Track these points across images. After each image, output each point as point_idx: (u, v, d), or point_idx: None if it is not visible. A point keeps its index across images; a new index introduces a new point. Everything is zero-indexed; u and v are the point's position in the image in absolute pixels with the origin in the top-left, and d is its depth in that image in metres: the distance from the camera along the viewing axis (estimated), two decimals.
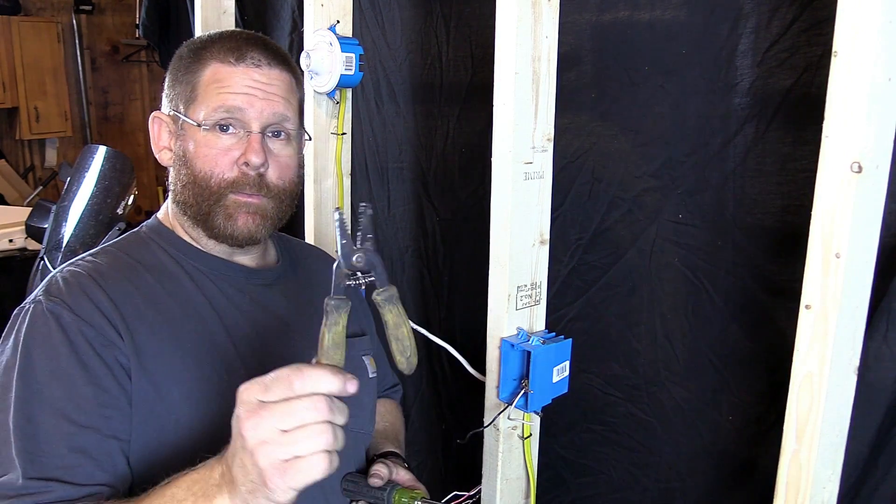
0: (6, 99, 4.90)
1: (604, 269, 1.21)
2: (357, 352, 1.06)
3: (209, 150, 0.91)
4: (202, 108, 0.91)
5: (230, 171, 0.91)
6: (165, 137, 0.97)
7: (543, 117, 1.06)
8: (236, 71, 0.91)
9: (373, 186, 1.61)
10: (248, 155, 0.90)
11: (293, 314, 1.01)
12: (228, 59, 0.91)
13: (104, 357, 0.82)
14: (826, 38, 0.90)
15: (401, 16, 1.48)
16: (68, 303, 0.84)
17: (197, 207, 0.92)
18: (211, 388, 0.88)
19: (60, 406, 0.80)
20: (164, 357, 0.86)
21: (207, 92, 0.91)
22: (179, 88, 0.94)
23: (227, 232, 0.93)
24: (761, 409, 1.05)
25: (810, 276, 0.81)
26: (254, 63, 0.92)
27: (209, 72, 0.92)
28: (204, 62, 0.92)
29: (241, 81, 0.91)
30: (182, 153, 0.93)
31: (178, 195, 0.95)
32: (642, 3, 1.09)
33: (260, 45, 0.94)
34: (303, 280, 1.07)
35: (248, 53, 0.92)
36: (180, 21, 2.39)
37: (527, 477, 1.15)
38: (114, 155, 2.03)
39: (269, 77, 0.93)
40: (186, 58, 0.95)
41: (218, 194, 0.91)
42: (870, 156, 0.76)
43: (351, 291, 1.18)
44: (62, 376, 0.81)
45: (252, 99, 0.91)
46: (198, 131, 0.91)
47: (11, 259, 2.86)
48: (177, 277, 0.94)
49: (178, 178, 0.94)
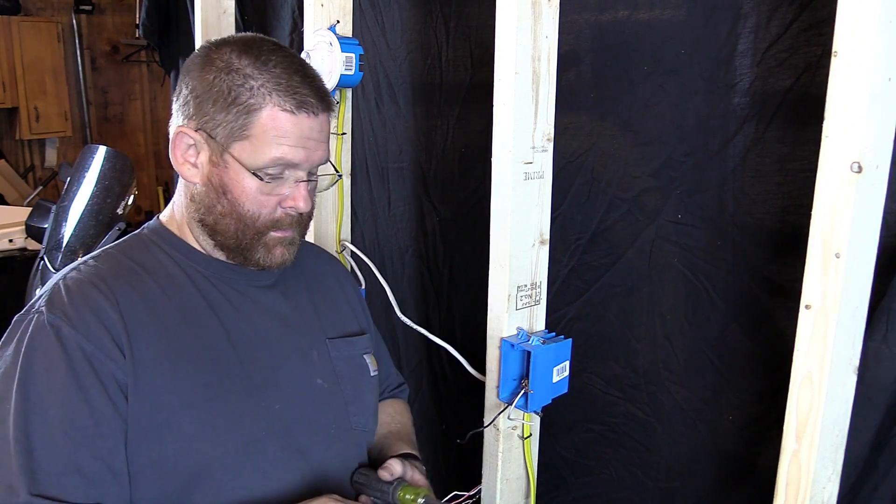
0: (6, 99, 4.90)
1: (603, 269, 1.21)
2: (358, 350, 1.07)
3: (259, 195, 0.90)
4: (256, 152, 0.88)
5: (275, 211, 0.92)
6: (193, 154, 0.92)
7: (543, 117, 1.06)
8: (295, 121, 0.88)
9: (373, 186, 1.61)
10: (298, 203, 0.92)
11: (294, 314, 1.01)
12: (287, 105, 0.88)
13: (100, 374, 0.83)
14: (825, 38, 0.90)
15: (401, 16, 1.48)
16: (69, 315, 0.84)
17: (236, 241, 0.93)
18: (211, 393, 0.88)
19: (56, 424, 0.80)
20: (164, 365, 0.86)
21: (265, 139, 0.88)
22: (223, 117, 0.88)
23: (265, 264, 0.95)
24: (761, 409, 1.05)
25: (810, 275, 0.81)
26: (312, 112, 0.90)
27: (266, 116, 0.88)
28: (258, 99, 0.88)
29: (298, 133, 0.89)
30: (221, 185, 0.91)
31: (209, 220, 0.93)
32: (642, 3, 1.09)
33: (314, 88, 0.91)
34: (303, 281, 1.07)
35: (306, 100, 0.89)
36: (180, 21, 2.39)
37: (527, 477, 1.15)
38: (114, 155, 2.03)
39: (321, 124, 0.92)
40: (229, 82, 0.88)
41: (262, 232, 0.92)
42: (870, 156, 0.76)
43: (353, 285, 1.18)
44: (59, 393, 0.81)
45: (308, 152, 0.90)
46: (247, 174, 0.89)
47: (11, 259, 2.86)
48: (178, 281, 0.93)
49: (212, 205, 0.92)
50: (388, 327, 1.58)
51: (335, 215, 1.53)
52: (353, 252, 1.52)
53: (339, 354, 1.03)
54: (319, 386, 0.99)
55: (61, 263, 1.95)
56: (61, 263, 1.95)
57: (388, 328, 1.58)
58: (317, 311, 1.05)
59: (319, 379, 0.99)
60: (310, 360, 0.99)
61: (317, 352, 1.01)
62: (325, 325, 1.05)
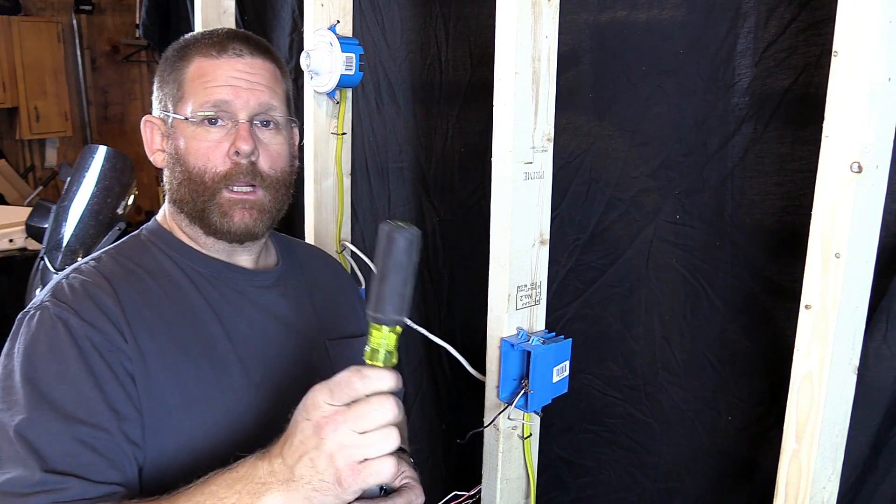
0: (6, 99, 4.90)
1: (602, 269, 1.21)
2: (357, 352, 1.06)
3: (200, 143, 0.92)
4: (189, 103, 0.93)
5: (222, 164, 0.92)
6: (158, 139, 0.98)
7: (543, 117, 1.06)
8: (219, 63, 0.92)
9: (373, 186, 1.61)
10: (238, 143, 0.91)
11: (293, 315, 1.01)
12: (210, 52, 0.93)
13: (110, 362, 0.83)
14: (824, 37, 0.90)
15: (401, 16, 1.48)
16: (75, 308, 0.84)
17: (192, 204, 0.93)
18: (209, 392, 0.88)
19: (70, 409, 0.80)
20: (166, 362, 0.87)
21: (193, 87, 0.93)
22: (167, 89, 0.96)
23: (224, 228, 0.93)
24: (761, 409, 1.05)
25: (810, 276, 0.81)
26: (236, 54, 0.93)
27: (193, 67, 0.93)
28: (188, 59, 0.94)
29: (224, 73, 0.92)
30: (174, 151, 0.94)
31: (173, 194, 0.95)
32: (640, 2, 1.09)
33: (241, 37, 0.96)
34: (303, 281, 1.07)
35: (229, 45, 0.93)
36: (180, 21, 2.39)
37: (527, 477, 1.15)
38: (114, 155, 2.03)
39: (253, 67, 0.94)
40: (171, 58, 0.97)
41: (213, 189, 0.92)
42: (870, 156, 0.76)
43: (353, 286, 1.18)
44: (70, 380, 0.81)
45: (237, 90, 0.92)
46: (187, 127, 0.92)
47: (11, 259, 2.86)
48: (177, 281, 0.94)
49: (172, 177, 0.95)
50: None
51: (335, 215, 1.54)
52: (353, 252, 1.52)
53: (338, 355, 1.03)
54: None
55: (61, 263, 1.95)
56: (61, 263, 1.95)
57: None
58: (317, 312, 1.05)
59: (318, 380, 0.99)
60: (308, 361, 0.99)
61: (316, 353, 1.01)
62: (325, 326, 1.05)
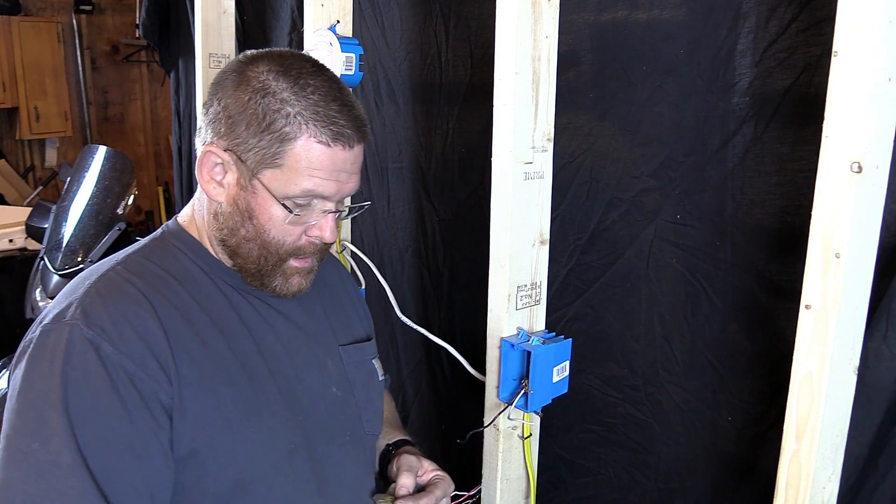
0: (6, 99, 4.91)
1: (602, 269, 1.21)
2: (367, 356, 1.06)
3: (286, 225, 0.89)
4: (287, 182, 0.86)
5: (299, 240, 0.90)
6: (220, 173, 0.89)
7: (543, 117, 1.06)
8: (329, 154, 0.86)
9: (373, 186, 1.61)
10: (325, 234, 0.90)
11: (310, 323, 1.01)
12: (323, 136, 0.85)
13: (144, 395, 0.80)
14: (824, 37, 0.91)
15: (400, 16, 1.48)
16: (109, 333, 0.80)
17: (256, 266, 0.91)
18: (247, 409, 0.88)
19: (101, 445, 0.78)
20: (205, 381, 0.85)
21: (297, 169, 0.85)
22: (256, 141, 0.85)
23: (280, 292, 0.93)
24: (761, 409, 1.05)
25: (810, 276, 0.81)
26: (348, 145, 0.87)
27: (300, 146, 0.85)
28: (295, 129, 0.84)
29: (332, 166, 0.86)
30: (248, 208, 0.88)
31: (232, 242, 0.91)
32: (641, 2, 1.09)
33: (352, 118, 0.88)
34: (315, 286, 1.06)
35: (342, 132, 0.86)
36: (180, 21, 2.39)
37: (527, 477, 1.15)
38: (114, 155, 2.03)
39: (355, 156, 0.89)
40: (264, 106, 0.85)
41: (283, 260, 0.91)
42: (870, 156, 0.76)
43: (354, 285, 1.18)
44: (104, 414, 0.78)
45: (339, 185, 0.88)
46: (276, 202, 0.87)
47: (11, 259, 2.86)
48: (208, 291, 0.91)
49: (237, 229, 0.90)
50: (388, 327, 1.58)
51: None
52: (353, 252, 1.52)
53: (350, 361, 1.03)
54: (334, 394, 0.98)
55: (61, 263, 1.95)
56: (61, 263, 1.95)
57: (387, 328, 1.58)
58: (328, 318, 1.04)
59: (334, 387, 0.99)
60: (325, 369, 0.99)
61: (331, 360, 1.00)
62: (337, 332, 1.04)
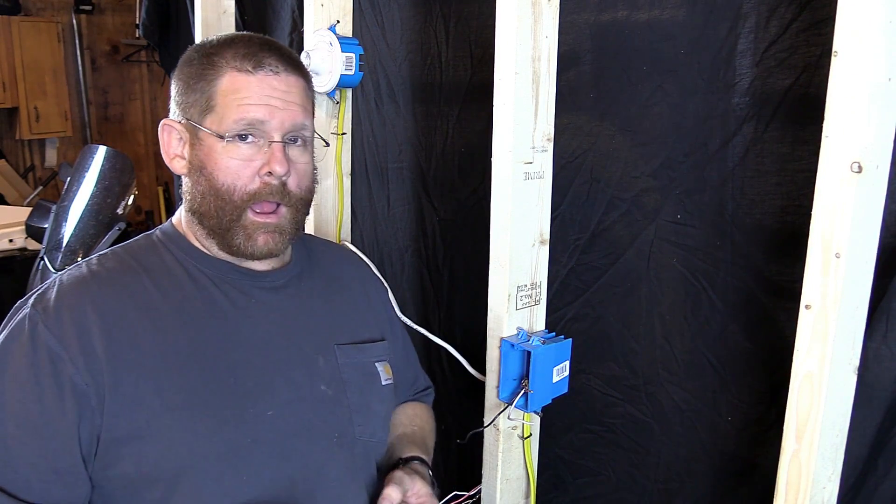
0: (6, 99, 4.90)
1: (602, 269, 1.21)
2: (369, 357, 1.04)
3: (231, 161, 0.90)
4: (221, 119, 0.89)
5: (252, 182, 0.90)
6: (177, 145, 0.94)
7: (543, 117, 1.06)
8: (254, 80, 0.89)
9: (373, 186, 1.61)
10: (272, 165, 0.90)
11: (302, 317, 1.00)
12: (245, 66, 0.89)
13: (59, 376, 0.83)
14: (825, 37, 0.91)
15: (401, 16, 1.48)
16: (47, 313, 0.85)
17: (217, 220, 0.91)
18: (194, 398, 0.87)
19: (9, 415, 0.82)
20: (148, 365, 0.86)
21: (226, 102, 0.89)
22: (194, 97, 0.92)
23: (247, 251, 0.93)
24: (761, 410, 1.05)
25: (810, 276, 0.81)
26: (272, 71, 0.90)
27: (226, 81, 0.90)
28: (218, 69, 0.90)
29: (260, 91, 0.89)
30: (199, 163, 0.91)
31: (195, 205, 0.93)
32: (641, 2, 1.09)
33: (275, 51, 0.92)
34: (321, 282, 1.06)
35: (265, 61, 0.90)
36: (180, 21, 2.39)
37: (527, 477, 1.15)
38: (114, 155, 2.03)
39: (287, 84, 0.91)
40: (198, 64, 0.92)
41: (240, 208, 0.91)
42: (870, 156, 0.76)
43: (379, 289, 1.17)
44: (20, 386, 0.83)
45: (273, 110, 0.90)
46: (217, 142, 0.90)
47: (11, 259, 2.86)
48: (178, 280, 0.93)
49: (195, 189, 0.93)
50: None
51: (335, 215, 1.53)
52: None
53: (347, 361, 1.01)
54: (323, 392, 0.97)
55: (61, 263, 1.96)
56: (61, 263, 1.96)
57: None
58: (331, 314, 1.03)
59: (323, 385, 0.97)
60: (314, 366, 0.97)
61: (323, 357, 0.99)
62: (337, 329, 1.03)
